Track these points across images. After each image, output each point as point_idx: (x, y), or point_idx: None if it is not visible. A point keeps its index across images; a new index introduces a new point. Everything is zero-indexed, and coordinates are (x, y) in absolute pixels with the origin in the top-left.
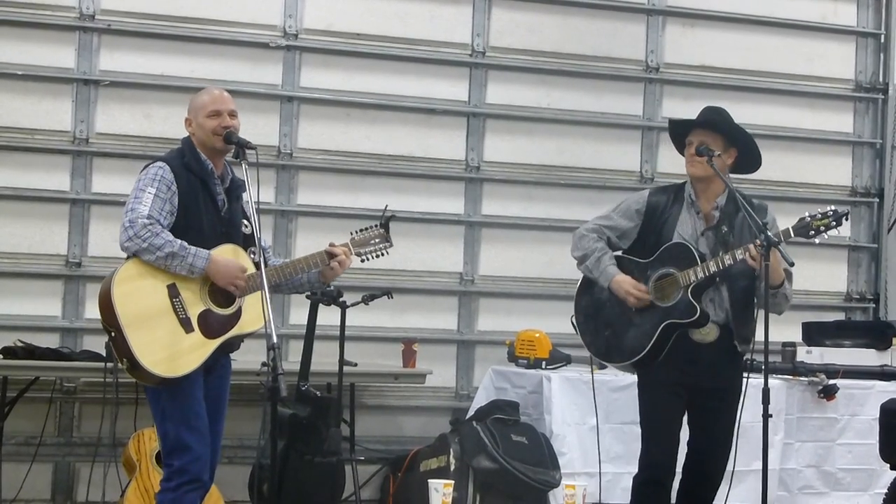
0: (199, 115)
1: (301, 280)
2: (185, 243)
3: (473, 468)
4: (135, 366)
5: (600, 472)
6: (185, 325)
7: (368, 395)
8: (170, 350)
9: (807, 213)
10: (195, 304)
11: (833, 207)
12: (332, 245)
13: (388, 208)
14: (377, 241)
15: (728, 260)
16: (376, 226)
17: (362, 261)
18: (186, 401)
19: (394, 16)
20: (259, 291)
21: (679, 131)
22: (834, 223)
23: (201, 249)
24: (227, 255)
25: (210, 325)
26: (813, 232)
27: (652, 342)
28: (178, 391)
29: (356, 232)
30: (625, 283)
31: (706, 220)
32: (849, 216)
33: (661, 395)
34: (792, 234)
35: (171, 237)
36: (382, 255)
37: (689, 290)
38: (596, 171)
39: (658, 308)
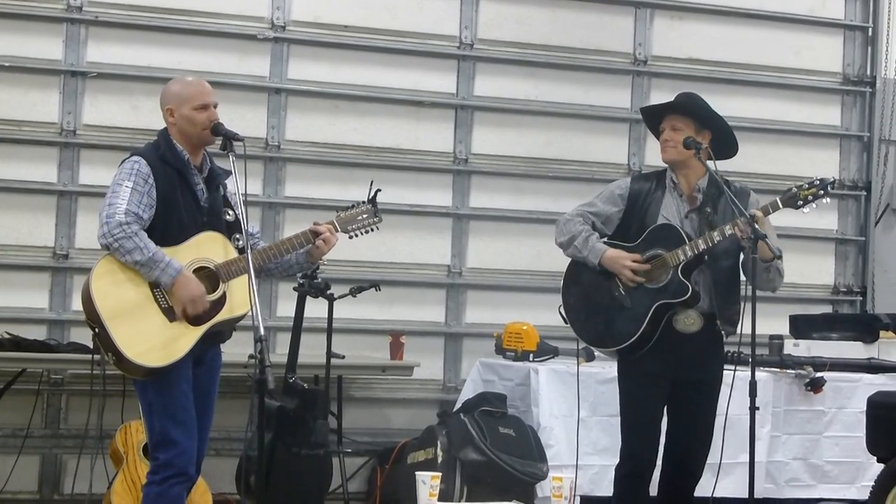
0: (183, 107)
1: (289, 261)
2: (158, 254)
3: (461, 460)
4: (121, 359)
5: (577, 465)
6: (169, 314)
7: (356, 388)
8: (155, 340)
9: (793, 185)
10: None
11: (819, 177)
12: (315, 223)
13: (373, 183)
14: (365, 216)
15: (717, 236)
16: (364, 202)
17: (350, 237)
18: (173, 394)
19: (382, 8)
20: (244, 276)
21: (653, 119)
22: (821, 192)
23: (173, 265)
24: (206, 242)
25: None
26: (801, 202)
27: (645, 324)
28: (165, 384)
29: (342, 210)
30: (618, 258)
31: (689, 203)
32: (835, 184)
33: (642, 386)
34: (780, 205)
35: (143, 243)
36: (372, 230)
37: (679, 270)
38: (584, 163)
39: (648, 290)
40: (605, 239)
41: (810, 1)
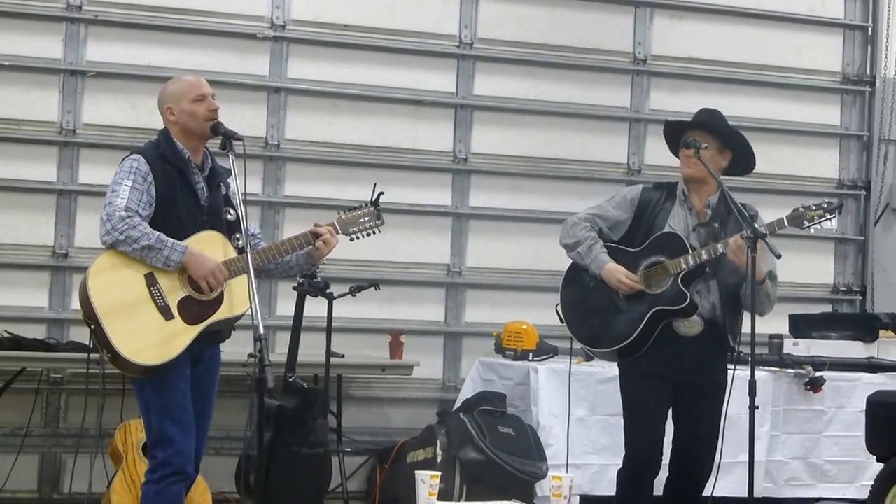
0: (182, 102)
1: (289, 262)
2: (163, 236)
3: (460, 460)
4: (116, 357)
5: (567, 463)
6: (165, 313)
7: (355, 387)
8: (150, 339)
9: (800, 205)
10: (174, 292)
11: (828, 200)
12: (316, 225)
13: (376, 185)
14: (367, 218)
15: (720, 248)
16: (366, 204)
17: (351, 240)
18: (170, 393)
19: (381, 7)
20: (243, 275)
21: (674, 132)
22: (828, 215)
23: (178, 242)
24: (205, 241)
25: (191, 312)
26: (807, 222)
27: (640, 329)
28: (163, 383)
29: (343, 212)
30: (617, 272)
31: (698, 217)
32: (842, 209)
33: (644, 388)
34: (786, 224)
35: (148, 229)
36: (374, 233)
37: (679, 279)
38: (583, 162)
39: (647, 295)
40: (610, 243)
41: (810, 0)
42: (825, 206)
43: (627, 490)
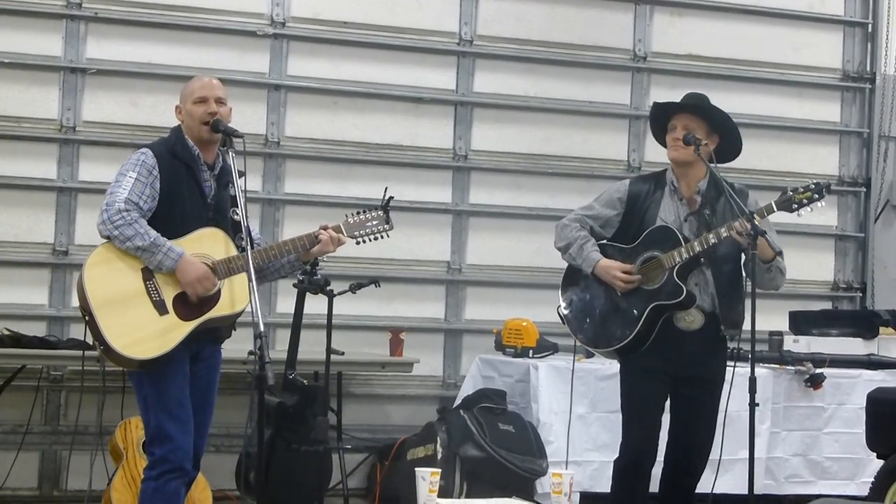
0: (186, 102)
1: (281, 262)
2: (160, 239)
3: (460, 457)
4: (108, 349)
5: (568, 460)
6: (160, 307)
7: (356, 384)
8: (142, 332)
9: (788, 188)
10: (171, 286)
11: (815, 181)
12: (322, 227)
13: (387, 190)
14: (375, 222)
15: (713, 238)
16: (375, 207)
17: (357, 243)
18: (168, 389)
19: (381, 4)
20: (242, 274)
21: (662, 115)
22: (816, 196)
23: (175, 249)
24: (207, 237)
25: (187, 307)
26: (796, 206)
27: (639, 326)
28: (161, 379)
29: (351, 214)
30: (611, 268)
31: (689, 205)
32: (831, 188)
33: (643, 380)
34: (775, 209)
35: (143, 229)
36: (381, 237)
37: (675, 272)
38: (583, 159)
39: (644, 291)
40: (604, 241)
41: None
42: (813, 187)
43: (623, 481)
